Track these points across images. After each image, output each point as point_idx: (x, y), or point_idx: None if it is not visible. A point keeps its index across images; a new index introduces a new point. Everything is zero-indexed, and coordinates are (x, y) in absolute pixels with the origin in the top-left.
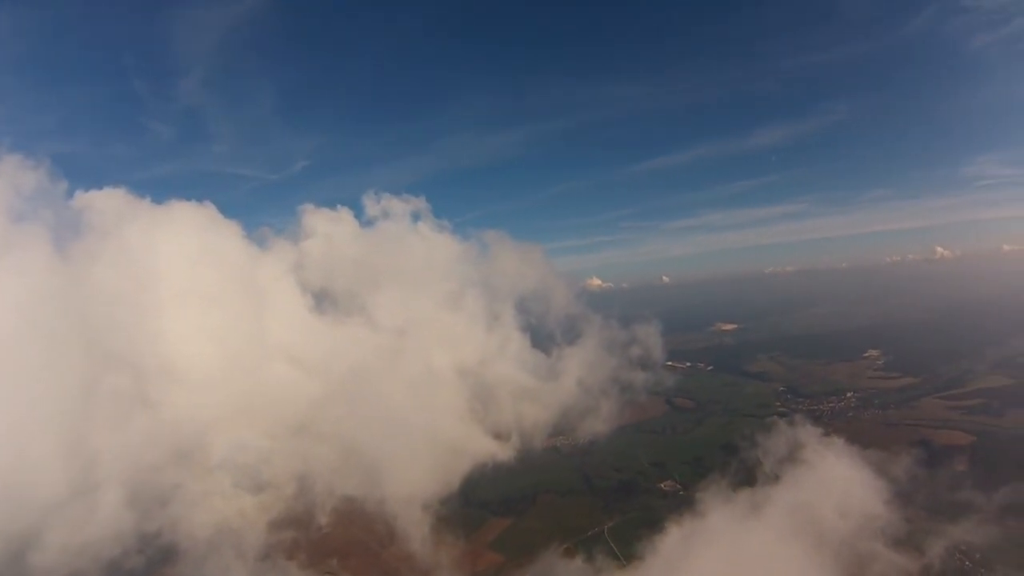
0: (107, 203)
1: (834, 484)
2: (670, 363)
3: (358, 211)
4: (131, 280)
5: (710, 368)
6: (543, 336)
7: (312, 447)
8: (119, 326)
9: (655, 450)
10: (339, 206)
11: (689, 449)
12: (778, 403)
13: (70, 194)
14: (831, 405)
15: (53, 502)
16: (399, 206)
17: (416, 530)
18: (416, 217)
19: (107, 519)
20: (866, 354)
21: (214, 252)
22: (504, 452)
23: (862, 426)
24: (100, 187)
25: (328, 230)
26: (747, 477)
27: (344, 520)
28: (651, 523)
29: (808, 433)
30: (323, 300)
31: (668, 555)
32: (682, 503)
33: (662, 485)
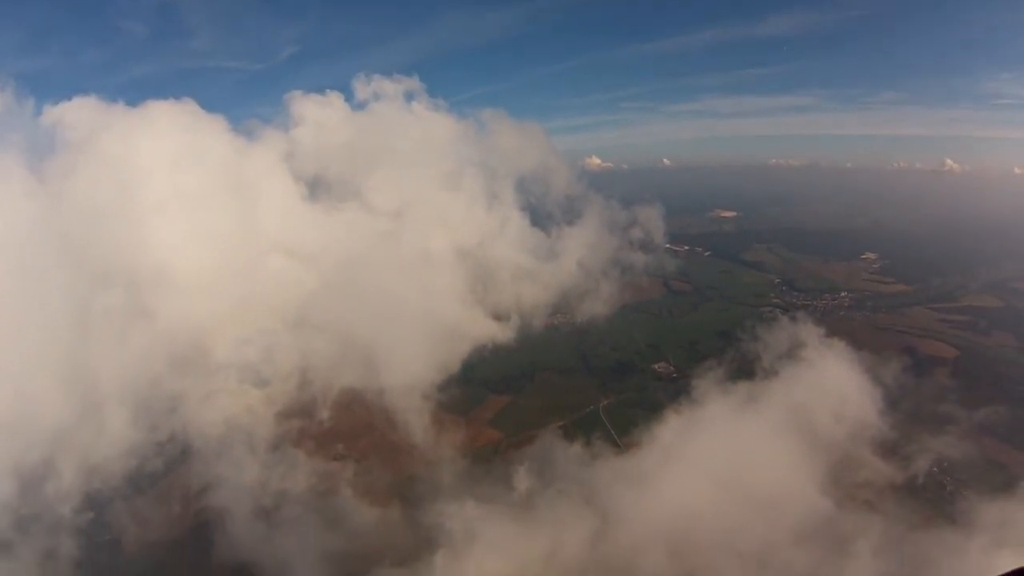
0: (78, 114)
1: (831, 386)
2: (669, 246)
3: (349, 96)
4: (113, 191)
5: (708, 254)
6: (543, 216)
7: (312, 339)
8: (105, 240)
9: (651, 332)
10: (328, 91)
11: (684, 333)
12: (773, 295)
13: (39, 111)
14: (825, 302)
15: (61, 428)
16: (391, 87)
17: (417, 413)
18: (410, 97)
19: (117, 435)
20: (863, 256)
21: (199, 150)
22: (503, 333)
23: (853, 326)
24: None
25: (318, 116)
26: (744, 368)
27: (347, 409)
28: (644, 404)
29: (809, 332)
30: (317, 188)
31: (664, 441)
32: (676, 386)
33: (656, 367)
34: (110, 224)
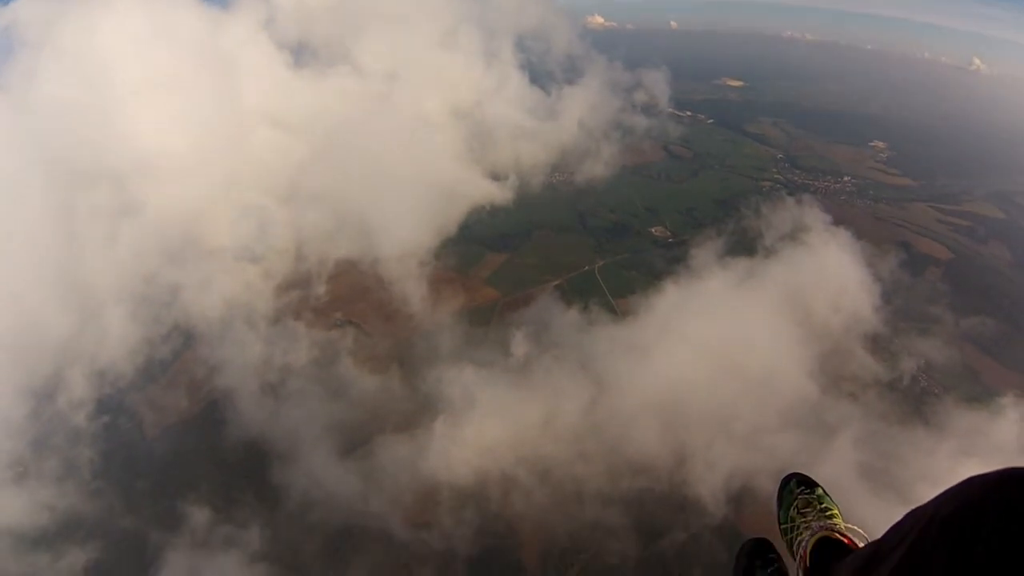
0: (32, 11)
1: (829, 274)
2: (671, 111)
3: None
4: (82, 85)
5: (711, 122)
6: (542, 75)
7: (306, 211)
8: (81, 138)
9: (649, 196)
10: None
11: (682, 199)
12: (775, 170)
13: None
14: (826, 184)
15: (63, 338)
16: None
17: (414, 277)
18: None
19: (120, 336)
20: (871, 143)
21: (168, 27)
22: (501, 193)
23: (853, 213)
24: None
25: None
26: (743, 243)
27: (344, 278)
28: (640, 266)
29: (813, 215)
30: (302, 54)
31: (660, 311)
32: (672, 251)
33: (653, 230)
34: (84, 121)
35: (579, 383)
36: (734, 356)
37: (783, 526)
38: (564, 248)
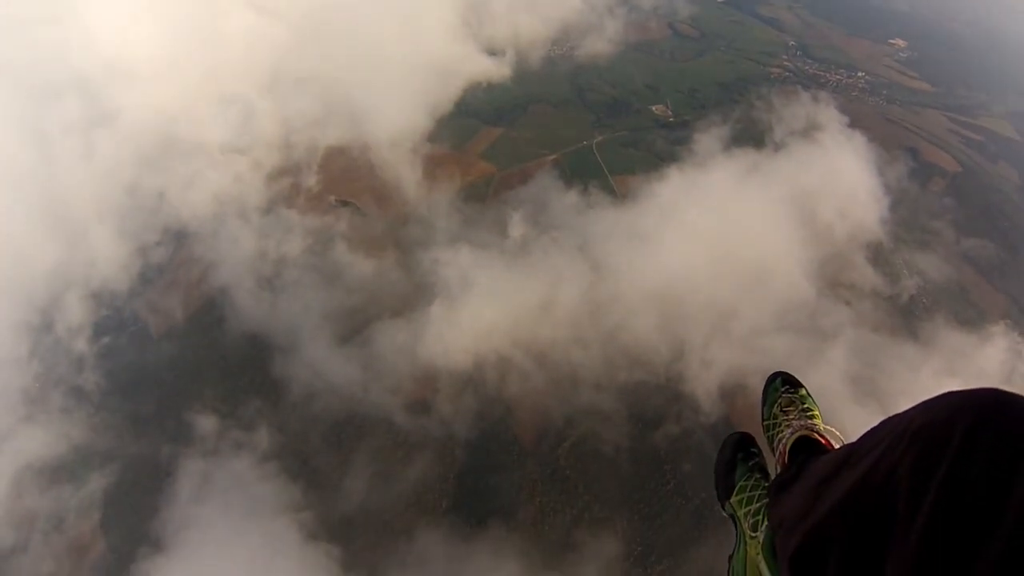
0: None
1: (838, 177)
2: None
3: None
4: None
5: (721, 1)
6: None
7: (292, 98)
8: (43, 49)
9: (651, 73)
10: None
11: (685, 79)
12: (785, 57)
13: None
14: (838, 78)
15: (53, 264)
16: None
17: (408, 154)
18: None
19: (110, 252)
20: (891, 41)
21: None
22: (498, 69)
23: (863, 111)
24: None
25: None
26: (748, 133)
27: (336, 160)
28: (639, 144)
29: (826, 113)
30: None
31: (661, 197)
32: (672, 131)
33: (654, 108)
34: (43, 31)
35: (577, 267)
36: (735, 251)
37: (765, 422)
38: (561, 123)
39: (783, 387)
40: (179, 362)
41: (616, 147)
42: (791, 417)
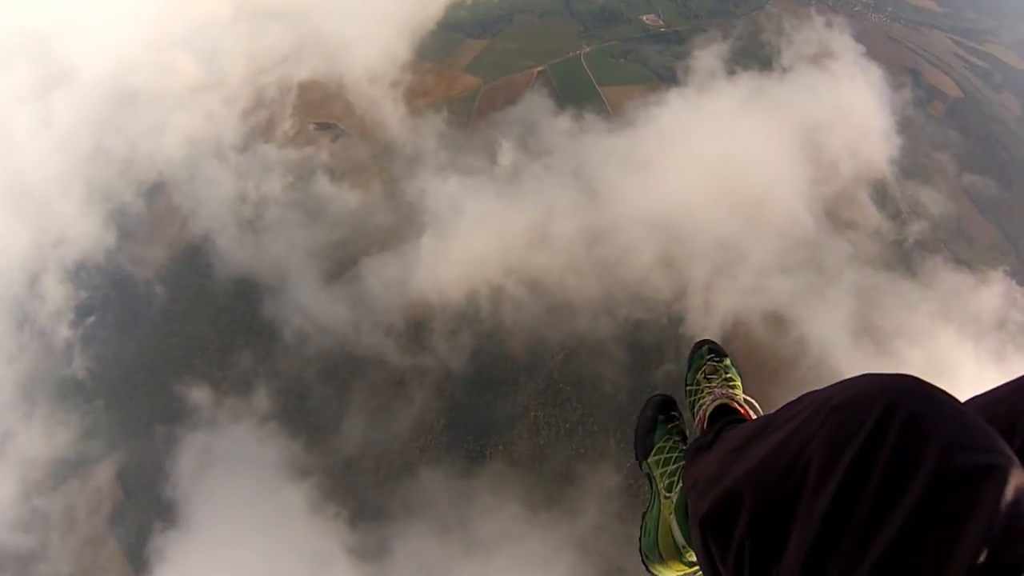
0: None
1: (849, 110)
2: None
3: None
4: None
5: None
6: None
7: (260, 32)
8: None
9: None
10: None
11: None
12: None
13: None
14: None
15: (22, 250)
16: None
17: (391, 79)
18: None
19: (82, 222)
20: None
21: None
22: None
23: (864, 27)
24: None
25: None
26: (749, 50)
27: (314, 90)
28: (628, 55)
29: (838, 39)
30: None
31: (656, 119)
32: (663, 42)
33: (644, 18)
34: None
35: (572, 195)
36: (737, 183)
37: (688, 387)
38: (548, 33)
39: (709, 355)
40: (169, 325)
41: (605, 58)
42: (713, 385)
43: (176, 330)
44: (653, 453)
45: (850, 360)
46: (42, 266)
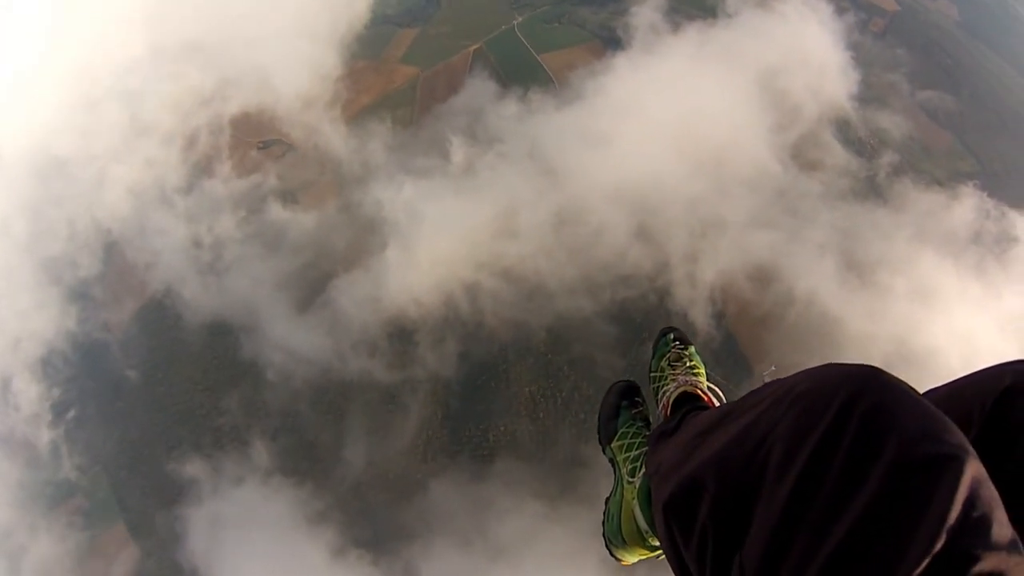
0: None
1: (806, 53)
2: None
3: None
4: None
5: None
6: None
7: (183, 68)
8: None
9: None
10: None
11: None
12: None
13: None
14: None
15: None
16: None
17: (324, 84)
18: None
19: (37, 307)
20: None
21: None
22: None
23: None
24: None
25: None
26: (686, 1)
27: (252, 123)
28: (561, 17)
29: None
30: None
31: (604, 87)
32: (596, 2)
33: None
34: None
35: (532, 181)
36: (700, 142)
37: (652, 374)
38: (479, 9)
39: (674, 343)
40: (151, 390)
41: (539, 25)
42: (678, 372)
43: (159, 396)
44: (616, 438)
45: (837, 298)
46: (7, 373)
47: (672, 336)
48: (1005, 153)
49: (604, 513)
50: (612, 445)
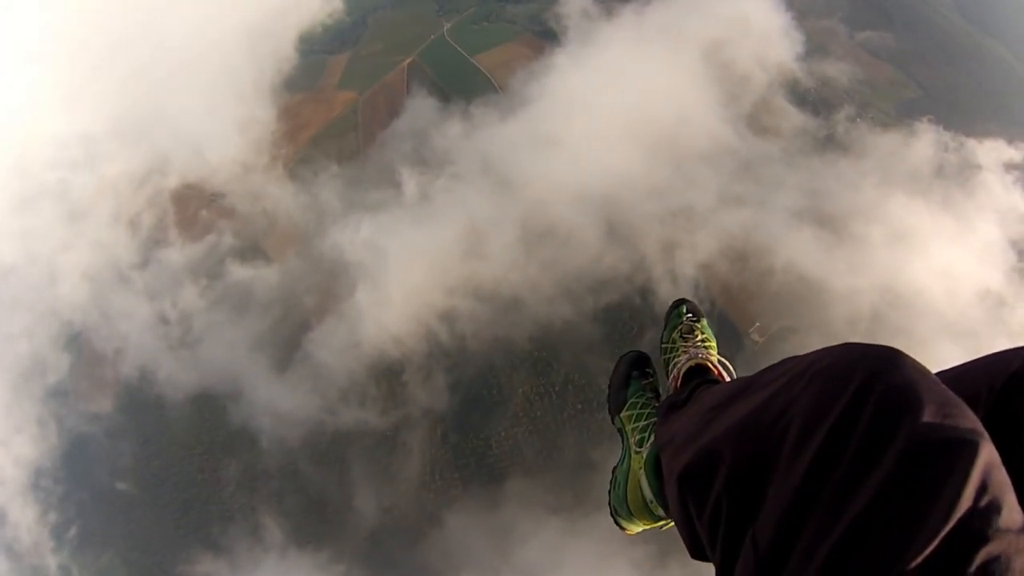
0: None
1: (747, 20)
2: None
3: None
4: None
5: None
6: None
7: (117, 144)
8: None
9: None
10: None
11: None
12: None
13: None
14: None
15: None
16: None
17: (267, 145)
18: None
19: (13, 431)
20: None
21: None
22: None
23: None
24: None
25: None
26: None
27: (194, 192)
28: (490, 16)
29: None
30: None
31: (552, 93)
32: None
33: None
34: None
35: (488, 195)
36: (654, 130)
37: (664, 345)
38: (406, 22)
39: (687, 315)
40: (147, 483)
41: (468, 27)
42: (689, 345)
43: (155, 470)
44: (625, 408)
45: (816, 258)
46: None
47: (684, 308)
48: (946, 77)
49: (611, 482)
50: (621, 415)
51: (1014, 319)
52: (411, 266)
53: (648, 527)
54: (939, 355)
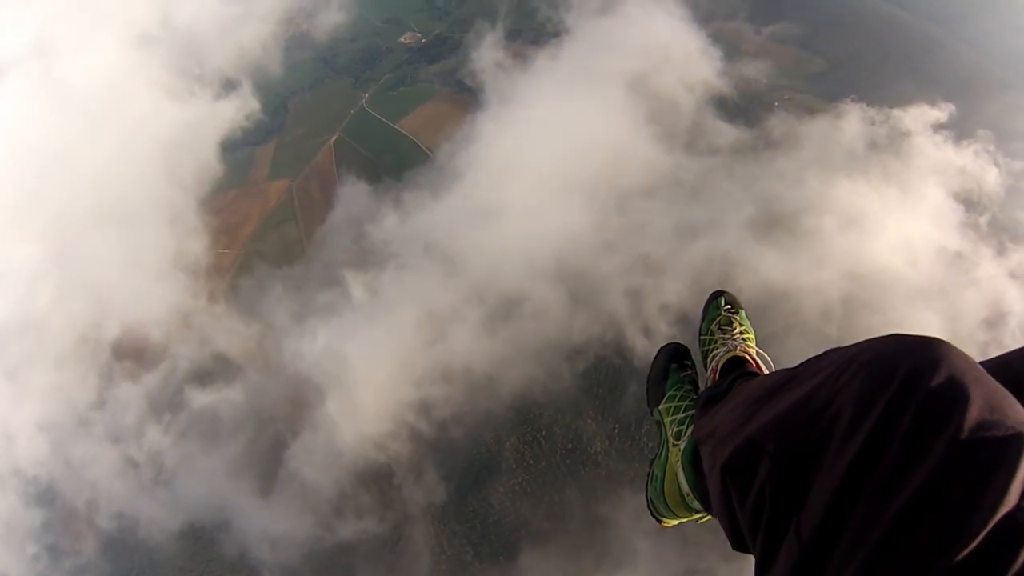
0: None
1: (666, 46)
2: None
3: None
4: None
5: None
6: None
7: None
8: None
9: (384, 8)
10: None
11: None
12: None
13: None
14: None
15: None
16: None
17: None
18: None
19: None
20: None
21: None
22: (242, 103)
23: None
24: None
25: None
26: (528, 27)
27: (135, 341)
28: (406, 80)
29: None
30: None
31: (483, 161)
32: (431, 50)
33: (402, 40)
34: None
35: (438, 279)
36: (593, 175)
37: (702, 337)
38: (324, 102)
39: (725, 306)
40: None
41: (385, 95)
42: (728, 337)
43: None
44: (664, 400)
45: (778, 261)
46: None
47: (723, 300)
48: (849, 46)
49: (648, 475)
50: (660, 407)
51: (977, 270)
52: (375, 366)
53: (685, 519)
54: (916, 321)
